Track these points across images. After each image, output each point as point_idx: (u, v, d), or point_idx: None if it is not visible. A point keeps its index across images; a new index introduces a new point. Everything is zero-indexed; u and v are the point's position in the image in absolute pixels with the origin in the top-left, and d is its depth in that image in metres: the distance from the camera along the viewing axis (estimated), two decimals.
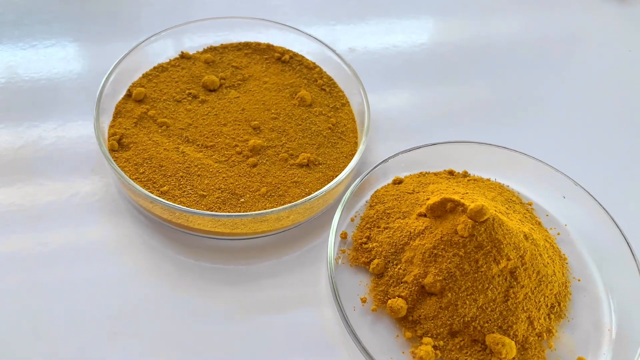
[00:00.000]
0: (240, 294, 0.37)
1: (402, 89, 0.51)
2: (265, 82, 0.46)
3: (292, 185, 0.40)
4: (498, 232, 0.35)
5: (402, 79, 0.52)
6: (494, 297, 0.35)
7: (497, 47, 0.56)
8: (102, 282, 0.36)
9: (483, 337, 0.34)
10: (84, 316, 0.35)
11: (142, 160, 0.40)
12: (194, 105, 0.44)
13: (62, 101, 0.46)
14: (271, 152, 0.41)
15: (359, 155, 0.40)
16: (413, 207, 0.39)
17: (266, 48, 0.48)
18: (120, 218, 0.39)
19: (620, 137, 0.49)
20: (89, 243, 0.38)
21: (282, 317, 0.36)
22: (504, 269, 0.35)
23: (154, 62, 0.46)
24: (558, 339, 0.36)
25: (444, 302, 0.35)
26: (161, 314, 0.35)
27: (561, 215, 0.41)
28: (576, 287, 0.38)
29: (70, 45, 0.50)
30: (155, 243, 0.38)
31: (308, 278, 0.38)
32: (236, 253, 0.38)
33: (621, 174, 0.46)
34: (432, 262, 0.35)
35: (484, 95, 0.51)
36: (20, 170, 0.41)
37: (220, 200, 0.38)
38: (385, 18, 0.57)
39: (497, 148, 0.42)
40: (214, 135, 0.42)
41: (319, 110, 0.45)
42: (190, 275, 0.37)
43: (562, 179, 0.41)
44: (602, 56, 0.56)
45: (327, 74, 0.47)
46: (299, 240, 0.39)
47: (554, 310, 0.36)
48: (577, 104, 0.51)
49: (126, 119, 0.42)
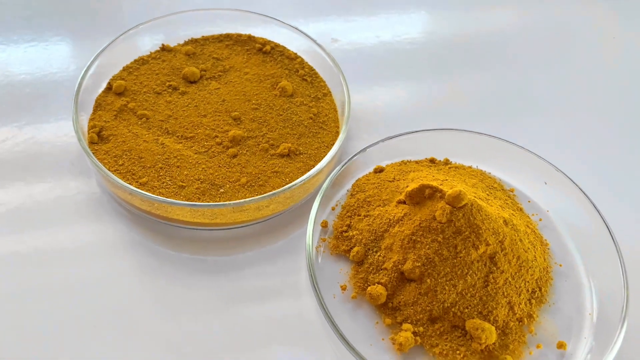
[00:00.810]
0: (220, 284, 0.36)
1: (385, 79, 0.51)
2: (246, 73, 0.46)
3: (273, 175, 0.40)
4: (476, 218, 0.35)
5: (385, 70, 0.51)
6: (474, 282, 0.34)
7: (480, 37, 0.55)
8: (83, 275, 0.36)
9: (463, 323, 0.34)
10: (64, 309, 0.35)
11: (121, 152, 0.40)
12: (174, 97, 0.44)
13: (42, 96, 0.46)
14: (251, 142, 0.41)
15: (339, 144, 0.40)
16: (393, 195, 0.39)
17: (247, 39, 0.48)
18: (101, 211, 0.39)
19: (601, 124, 0.49)
20: (68, 237, 0.38)
21: (262, 307, 0.36)
22: (483, 255, 0.35)
23: (134, 55, 0.46)
24: (539, 323, 0.36)
25: (423, 288, 0.35)
26: (142, 304, 0.35)
27: (543, 201, 0.41)
28: (558, 272, 0.38)
29: (51, 40, 0.50)
30: (135, 235, 0.38)
31: (289, 267, 0.38)
32: (217, 243, 0.38)
33: (602, 160, 0.46)
34: (411, 248, 0.35)
35: (468, 86, 0.51)
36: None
37: (200, 191, 0.38)
38: (369, 9, 0.57)
39: (479, 135, 0.42)
40: (193, 127, 0.42)
41: (300, 100, 0.44)
42: (170, 266, 0.37)
43: (544, 165, 0.41)
44: (586, 44, 0.56)
45: (309, 64, 0.47)
46: (280, 230, 0.39)
47: (535, 296, 0.36)
48: (558, 92, 0.51)
49: (106, 112, 0.42)
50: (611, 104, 0.50)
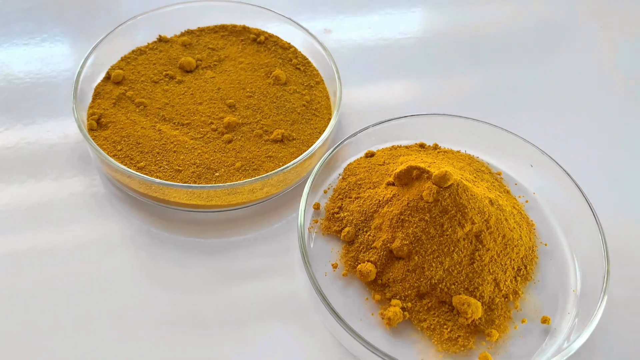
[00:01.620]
0: (216, 264, 0.38)
1: (377, 69, 0.52)
2: (240, 62, 0.47)
3: (267, 160, 0.41)
4: (462, 197, 0.36)
5: (377, 60, 0.53)
6: (460, 259, 0.36)
7: (471, 28, 0.57)
8: (80, 255, 0.37)
9: (450, 299, 0.35)
10: (60, 289, 0.36)
11: (120, 138, 0.41)
12: (171, 86, 0.45)
13: (40, 86, 0.47)
14: (246, 128, 0.43)
15: (330, 129, 0.41)
16: (383, 178, 0.40)
17: (242, 30, 0.50)
18: (100, 197, 0.41)
19: (583, 109, 0.50)
20: (69, 223, 0.39)
21: (256, 284, 0.37)
22: (469, 233, 0.36)
23: (132, 46, 0.48)
24: (524, 299, 0.37)
25: (411, 266, 0.36)
26: (138, 284, 0.37)
27: (529, 183, 0.43)
28: (543, 251, 0.39)
29: (50, 32, 0.51)
30: (133, 219, 0.40)
31: (282, 248, 0.39)
32: (212, 226, 0.40)
33: (585, 143, 0.47)
34: (400, 227, 0.36)
35: (458, 75, 0.52)
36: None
37: (196, 175, 0.39)
38: (361, 2, 0.58)
39: (467, 120, 0.43)
40: (189, 114, 0.43)
41: (293, 88, 0.46)
42: (167, 247, 0.38)
43: (530, 148, 0.42)
44: (574, 33, 0.57)
45: (302, 53, 0.49)
46: (274, 213, 0.41)
47: (520, 273, 0.38)
48: (543, 80, 0.52)
49: (105, 100, 0.43)
50: (597, 88, 0.52)
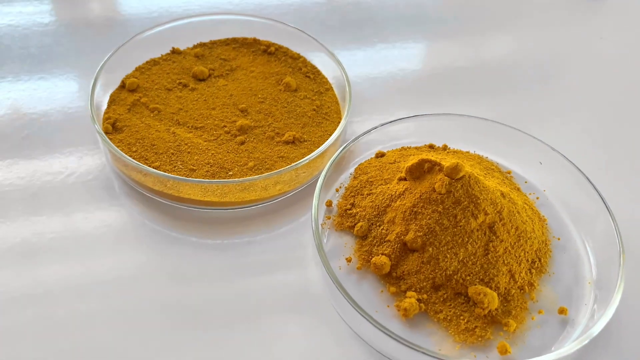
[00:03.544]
0: (230, 260, 0.38)
1: (386, 73, 0.53)
2: (252, 71, 0.48)
3: (279, 160, 0.41)
4: (474, 189, 0.36)
5: (386, 64, 0.54)
6: (474, 250, 0.36)
7: (473, 20, 0.59)
8: (96, 253, 0.38)
9: (465, 290, 0.35)
10: (78, 286, 0.36)
11: (134, 141, 0.42)
12: (185, 93, 0.46)
13: (59, 92, 0.49)
14: (258, 131, 0.43)
15: (340, 128, 0.42)
16: (394, 174, 0.40)
17: (253, 42, 0.51)
18: (114, 196, 0.41)
19: (590, 102, 0.51)
20: (82, 218, 0.40)
21: (269, 280, 0.37)
22: (483, 224, 0.36)
23: (146, 58, 0.49)
24: (540, 291, 0.37)
25: (426, 257, 0.36)
26: (154, 280, 0.37)
27: (539, 181, 0.43)
28: (556, 245, 0.39)
29: (67, 45, 0.53)
30: (147, 217, 0.40)
31: (294, 244, 0.39)
32: (226, 223, 0.40)
33: (593, 137, 0.48)
34: (413, 219, 0.37)
35: (467, 72, 0.54)
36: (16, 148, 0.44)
37: (210, 174, 0.40)
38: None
39: (475, 119, 0.44)
40: (203, 118, 0.44)
41: (303, 94, 0.47)
42: (181, 244, 0.38)
43: (539, 145, 0.42)
44: (576, 41, 0.59)
45: (311, 63, 0.50)
46: (286, 211, 0.41)
47: (534, 266, 0.37)
48: (551, 77, 0.54)
49: (120, 106, 0.45)
50: (598, 83, 0.53)
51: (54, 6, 0.57)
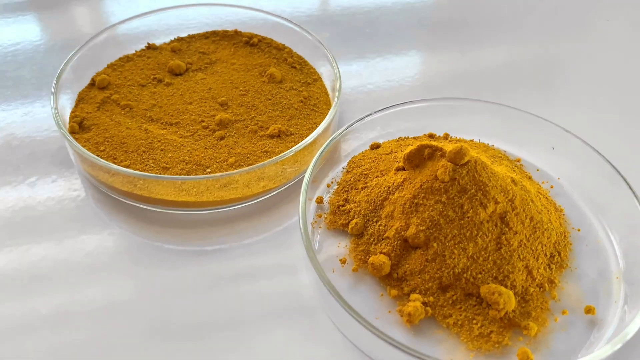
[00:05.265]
0: (209, 267, 0.34)
1: (377, 62, 0.50)
2: (233, 63, 0.45)
3: (263, 155, 0.37)
4: (482, 175, 0.32)
5: (377, 53, 0.50)
6: (485, 245, 0.31)
7: (471, 7, 0.55)
8: (69, 264, 0.34)
9: (477, 290, 0.31)
10: (55, 301, 0.32)
11: (103, 139, 0.38)
12: (159, 89, 0.42)
13: (23, 87, 0.45)
14: (240, 125, 0.39)
15: (330, 116, 0.38)
16: (391, 165, 0.36)
17: (234, 34, 0.47)
18: (84, 205, 0.37)
19: (607, 80, 0.47)
20: (45, 230, 0.35)
21: (255, 287, 0.33)
22: (493, 214, 0.32)
23: (119, 54, 0.45)
24: (562, 289, 0.32)
25: (430, 254, 0.31)
26: (126, 295, 0.32)
27: (552, 168, 0.39)
28: (576, 237, 0.35)
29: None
30: (116, 224, 0.36)
31: (282, 246, 0.35)
32: (204, 226, 0.36)
33: (611, 117, 0.44)
34: (414, 212, 0.32)
35: (460, 64, 0.50)
36: None
37: (185, 172, 0.36)
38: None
39: (478, 102, 0.40)
40: (178, 113, 0.40)
41: (289, 85, 0.43)
42: (157, 252, 0.34)
43: (551, 128, 0.38)
44: (583, 24, 0.55)
45: (297, 53, 0.46)
46: (272, 211, 0.37)
47: (554, 260, 0.33)
48: (559, 54, 0.50)
49: (88, 105, 0.41)
50: (614, 58, 0.50)
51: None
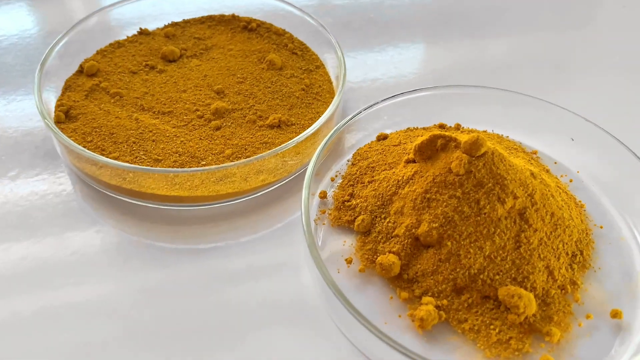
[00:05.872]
0: (206, 268, 0.31)
1: (384, 51, 0.47)
2: (230, 49, 0.42)
3: (262, 146, 0.35)
4: (499, 167, 0.30)
5: (383, 42, 0.48)
6: (503, 243, 0.29)
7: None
8: (54, 263, 0.31)
9: (495, 292, 0.28)
10: (39, 303, 0.30)
11: (90, 130, 0.35)
12: (151, 76, 0.40)
13: (7, 74, 0.42)
14: (237, 114, 0.37)
15: (334, 106, 0.35)
16: (400, 157, 0.34)
17: (231, 19, 0.45)
18: (71, 200, 0.34)
19: (628, 66, 0.45)
20: (35, 224, 0.33)
21: (254, 289, 0.30)
22: (512, 210, 0.29)
23: (109, 39, 0.43)
24: (585, 291, 0.30)
25: (444, 254, 0.29)
26: (117, 297, 0.30)
27: (571, 161, 0.36)
28: (599, 235, 0.33)
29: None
30: (107, 218, 0.33)
31: (284, 245, 0.32)
32: (201, 223, 0.33)
33: (634, 105, 0.41)
34: (426, 208, 0.30)
35: (471, 51, 0.47)
36: None
37: (178, 164, 0.33)
38: None
39: (491, 90, 0.37)
40: (171, 102, 0.38)
41: (290, 72, 0.40)
42: (147, 249, 0.32)
43: (570, 117, 0.36)
44: (600, 8, 0.53)
45: (299, 39, 0.43)
46: (273, 207, 0.34)
47: (576, 260, 0.31)
48: (576, 47, 0.48)
49: (76, 93, 0.38)
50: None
51: None
